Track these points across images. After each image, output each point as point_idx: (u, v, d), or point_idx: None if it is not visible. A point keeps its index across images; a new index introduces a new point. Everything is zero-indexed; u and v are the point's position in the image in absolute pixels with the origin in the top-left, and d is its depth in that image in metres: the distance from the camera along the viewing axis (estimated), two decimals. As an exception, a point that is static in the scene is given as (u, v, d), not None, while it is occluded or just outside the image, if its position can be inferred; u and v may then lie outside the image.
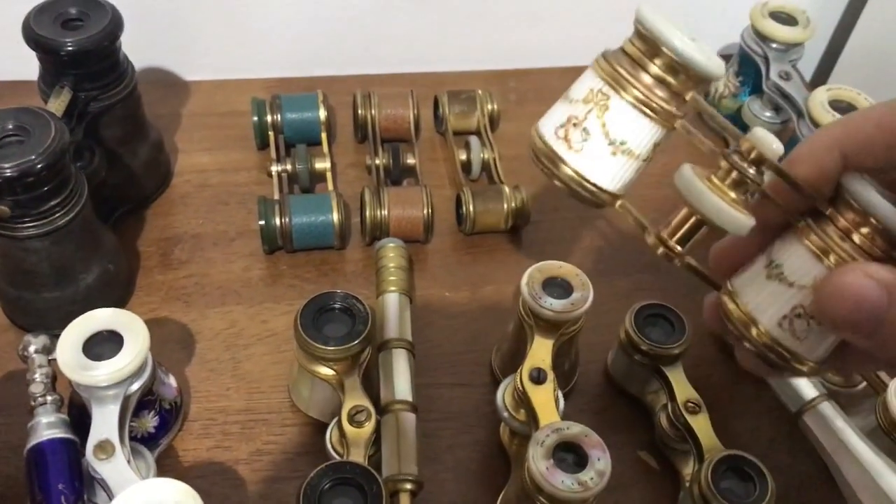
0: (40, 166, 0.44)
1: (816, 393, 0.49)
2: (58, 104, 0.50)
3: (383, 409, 0.46)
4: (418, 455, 0.45)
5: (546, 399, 0.42)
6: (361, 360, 0.46)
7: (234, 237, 0.60)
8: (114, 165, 0.56)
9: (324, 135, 0.64)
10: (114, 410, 0.41)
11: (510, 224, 0.60)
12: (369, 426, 0.43)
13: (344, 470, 0.39)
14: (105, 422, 0.41)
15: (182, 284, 0.56)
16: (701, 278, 0.35)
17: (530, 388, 0.43)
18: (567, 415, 0.43)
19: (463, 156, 0.64)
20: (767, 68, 0.66)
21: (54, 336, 0.43)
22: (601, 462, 0.37)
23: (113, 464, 0.40)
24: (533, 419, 0.42)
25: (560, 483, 0.36)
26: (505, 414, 0.46)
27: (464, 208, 0.60)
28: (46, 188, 0.45)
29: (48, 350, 0.45)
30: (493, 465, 0.49)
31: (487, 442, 0.50)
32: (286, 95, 0.65)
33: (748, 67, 0.68)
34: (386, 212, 0.58)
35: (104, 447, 0.40)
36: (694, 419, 0.46)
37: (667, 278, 0.59)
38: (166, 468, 0.47)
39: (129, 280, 0.56)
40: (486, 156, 0.64)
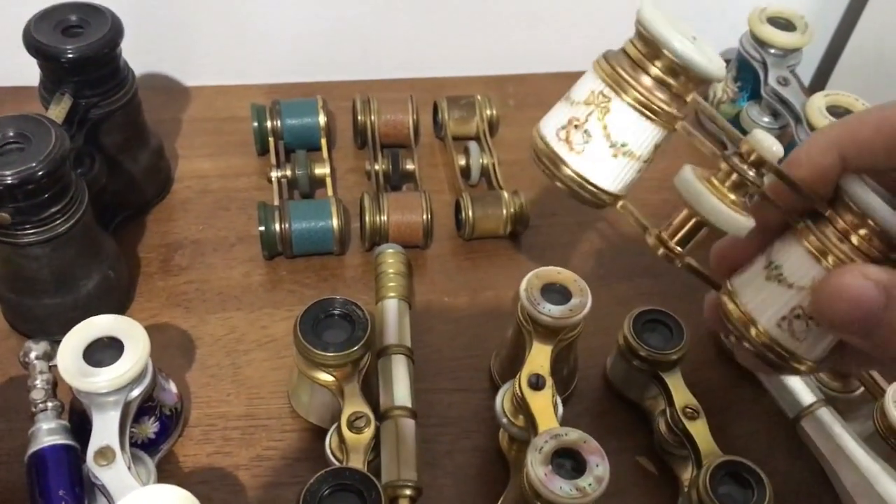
0: (41, 173, 0.44)
1: (814, 399, 0.49)
2: (58, 111, 0.50)
3: (382, 416, 0.46)
4: (417, 461, 0.45)
5: (544, 405, 0.42)
6: (361, 366, 0.46)
7: (235, 243, 0.60)
8: (114, 172, 0.56)
9: (323, 140, 0.64)
10: (114, 416, 0.41)
11: (509, 229, 0.61)
12: (369, 432, 0.43)
13: (343, 476, 0.39)
14: (105, 428, 0.41)
15: (182, 290, 0.57)
16: (701, 279, 0.35)
17: (529, 395, 0.43)
18: (566, 420, 0.43)
19: (462, 161, 0.64)
20: (766, 74, 0.66)
21: (55, 342, 0.44)
22: (599, 468, 0.37)
23: (114, 470, 0.40)
24: (532, 425, 0.42)
25: (558, 489, 0.36)
26: (504, 420, 0.46)
27: (463, 213, 0.60)
28: (47, 195, 0.46)
29: (49, 356, 0.45)
30: (492, 471, 0.49)
31: (486, 447, 0.50)
32: (286, 101, 0.65)
33: (746, 73, 0.68)
34: (385, 217, 0.58)
35: (105, 453, 0.40)
36: (692, 425, 0.46)
37: (665, 283, 0.59)
38: (167, 474, 0.47)
39: (130, 286, 0.56)
40: (486, 161, 0.64)
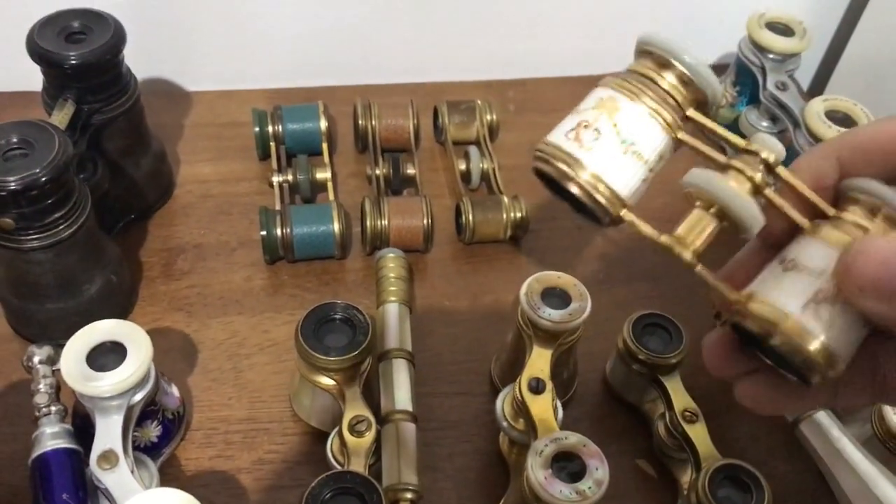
0: (44, 179, 0.45)
1: (813, 402, 0.49)
2: (61, 117, 0.50)
3: (383, 419, 0.47)
4: (418, 464, 0.45)
5: (545, 409, 0.43)
6: (362, 370, 0.46)
7: (236, 247, 0.60)
8: (117, 177, 0.56)
9: (324, 145, 0.64)
10: (117, 421, 0.42)
11: (509, 233, 0.61)
12: (370, 436, 0.43)
13: (344, 479, 0.39)
14: (108, 432, 0.41)
15: (184, 294, 0.57)
16: (711, 288, 0.34)
17: (529, 398, 0.43)
18: (566, 424, 0.44)
19: (462, 166, 0.65)
20: (764, 78, 0.66)
21: (58, 346, 0.44)
22: (599, 471, 0.38)
23: (116, 474, 0.40)
24: (532, 428, 0.42)
25: (558, 492, 0.37)
26: (504, 423, 0.46)
27: (463, 218, 0.60)
28: (50, 201, 0.46)
29: (52, 360, 0.46)
30: (493, 474, 0.49)
31: (487, 451, 0.50)
32: (287, 106, 0.65)
33: (745, 77, 0.69)
34: (386, 221, 0.58)
35: (108, 457, 0.40)
36: (691, 428, 0.46)
37: (664, 287, 0.59)
38: (169, 477, 0.47)
39: (132, 290, 0.56)
40: (486, 166, 0.64)
